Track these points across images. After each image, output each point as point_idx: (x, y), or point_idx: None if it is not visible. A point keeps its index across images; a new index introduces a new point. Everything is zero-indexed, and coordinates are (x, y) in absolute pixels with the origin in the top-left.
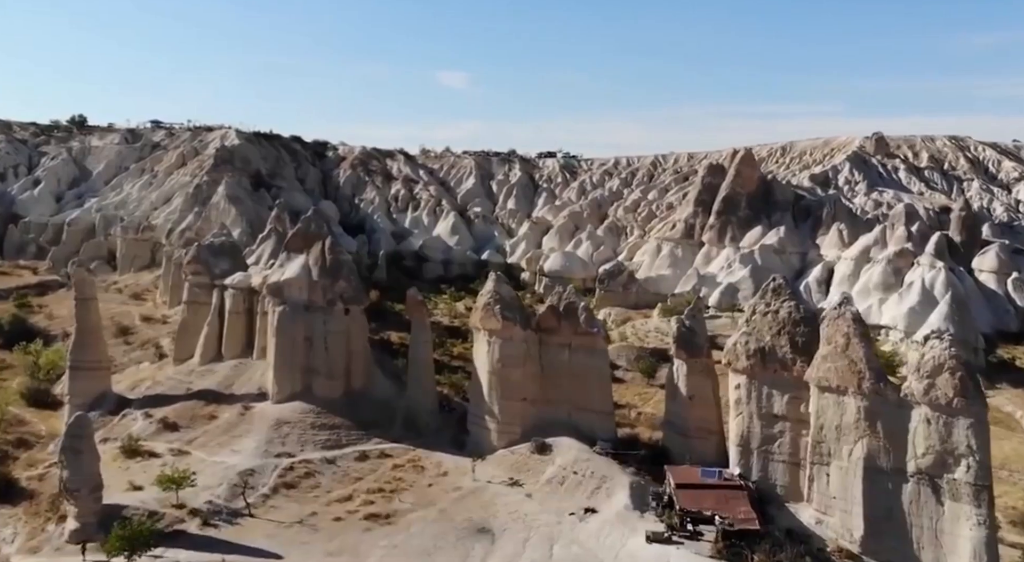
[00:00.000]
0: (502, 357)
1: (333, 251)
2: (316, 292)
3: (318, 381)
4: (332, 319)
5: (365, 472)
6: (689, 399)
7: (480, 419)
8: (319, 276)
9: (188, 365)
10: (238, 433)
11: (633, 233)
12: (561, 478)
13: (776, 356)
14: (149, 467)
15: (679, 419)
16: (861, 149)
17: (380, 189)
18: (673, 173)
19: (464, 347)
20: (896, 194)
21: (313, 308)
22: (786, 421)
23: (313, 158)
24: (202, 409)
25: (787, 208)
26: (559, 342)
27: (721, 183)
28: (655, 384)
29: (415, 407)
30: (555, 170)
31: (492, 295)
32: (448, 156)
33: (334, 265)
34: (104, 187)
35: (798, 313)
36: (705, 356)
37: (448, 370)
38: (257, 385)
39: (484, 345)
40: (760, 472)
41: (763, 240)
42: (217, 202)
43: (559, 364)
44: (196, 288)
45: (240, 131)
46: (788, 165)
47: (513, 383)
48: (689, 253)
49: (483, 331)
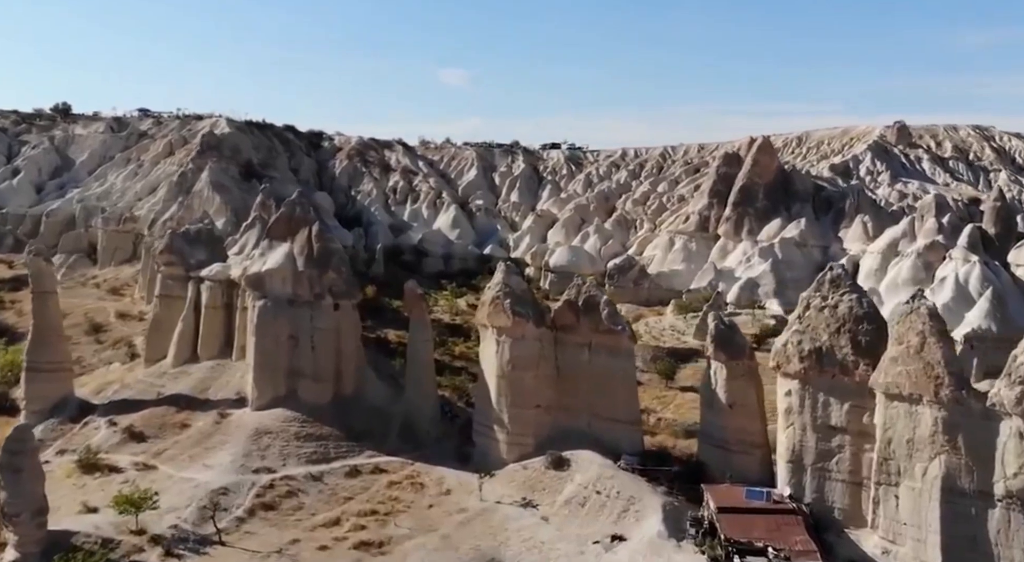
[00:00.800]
0: (513, 358)
1: (321, 239)
2: (301, 284)
3: (303, 385)
4: (320, 315)
5: (356, 490)
6: (729, 407)
7: (487, 429)
8: (305, 266)
9: (160, 366)
10: (212, 444)
11: (643, 226)
12: (582, 498)
13: (835, 358)
14: (108, 484)
15: (717, 430)
16: (882, 139)
17: (377, 181)
18: (683, 164)
19: (467, 346)
20: (921, 185)
21: (298, 302)
22: (846, 434)
23: (308, 148)
24: (173, 416)
25: (807, 199)
26: (578, 341)
27: (737, 173)
28: (674, 386)
29: (414, 414)
30: (560, 162)
31: (501, 288)
32: (448, 147)
33: (322, 254)
34: (87, 177)
35: (860, 308)
36: (747, 358)
37: (450, 371)
38: (236, 389)
39: (492, 345)
40: (815, 493)
41: (783, 233)
42: (200, 189)
43: (578, 366)
44: (169, 280)
45: (231, 120)
46: (805, 155)
47: (525, 388)
48: (704, 247)
49: (491, 329)
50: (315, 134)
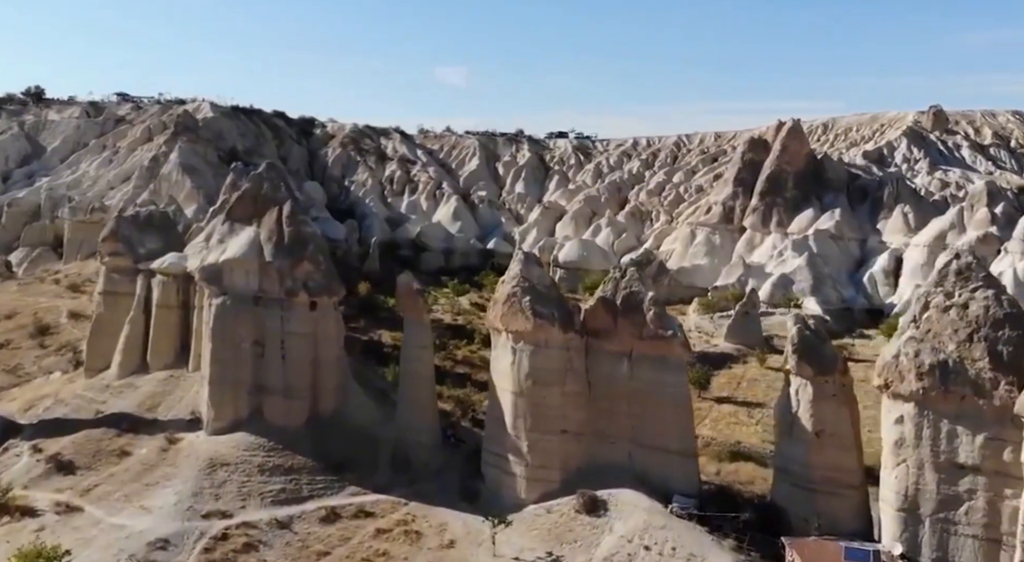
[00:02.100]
0: (533, 371)
1: (295, 221)
2: (270, 278)
3: (271, 404)
4: (292, 316)
5: (333, 542)
6: (816, 436)
7: (501, 459)
8: (275, 256)
9: (102, 378)
10: (154, 479)
11: (659, 219)
12: (626, 555)
13: (965, 375)
14: (17, 533)
15: (799, 465)
16: (916, 125)
17: (373, 170)
18: (700, 154)
19: (470, 350)
20: (964, 173)
21: (266, 300)
22: (979, 474)
23: (299, 136)
24: (111, 441)
25: (841, 188)
26: (616, 350)
27: (764, 160)
28: (708, 397)
29: (409, 439)
30: (567, 151)
31: (519, 282)
32: (449, 136)
33: (296, 240)
34: (59, 165)
35: (1000, 308)
36: (839, 372)
37: (451, 379)
38: (190, 407)
39: (507, 353)
40: (936, 552)
41: (816, 224)
42: (169, 172)
43: (616, 382)
44: (115, 274)
45: (216, 104)
46: (832, 143)
47: (549, 408)
48: (728, 240)
49: (506, 334)
50: (306, 121)
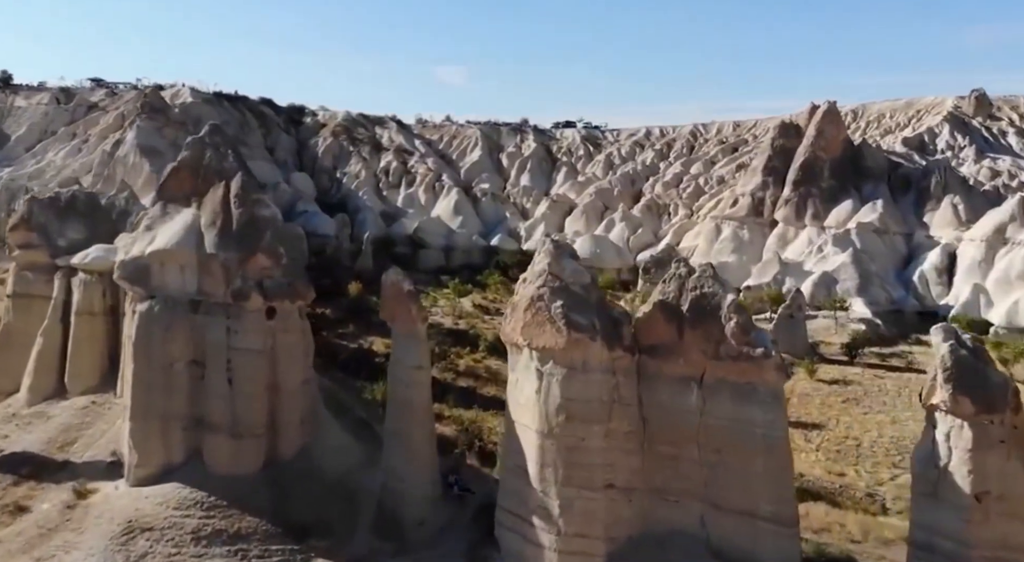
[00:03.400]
0: (568, 403)
1: (246, 201)
2: (212, 276)
3: (213, 444)
4: (243, 327)
5: None
6: (976, 500)
7: (521, 522)
8: (219, 247)
9: (8, 405)
10: (50, 551)
11: (677, 213)
12: None
13: None
14: None
15: (952, 542)
16: (957, 110)
17: (367, 161)
18: (718, 143)
19: (474, 359)
20: (1015, 161)
21: (207, 306)
22: None
23: (287, 124)
24: (5, 493)
25: (881, 177)
26: (681, 374)
27: (797, 147)
28: None
29: (398, 491)
30: (576, 142)
31: (547, 280)
32: (449, 126)
33: (248, 226)
34: (24, 154)
35: None
36: (1011, 409)
37: (453, 395)
38: (112, 446)
39: (531, 379)
40: None
41: (857, 217)
42: (125, 155)
43: (682, 418)
44: (28, 273)
45: (197, 89)
46: (864, 130)
47: (589, 454)
48: (758, 234)
49: (528, 351)
50: (296, 109)
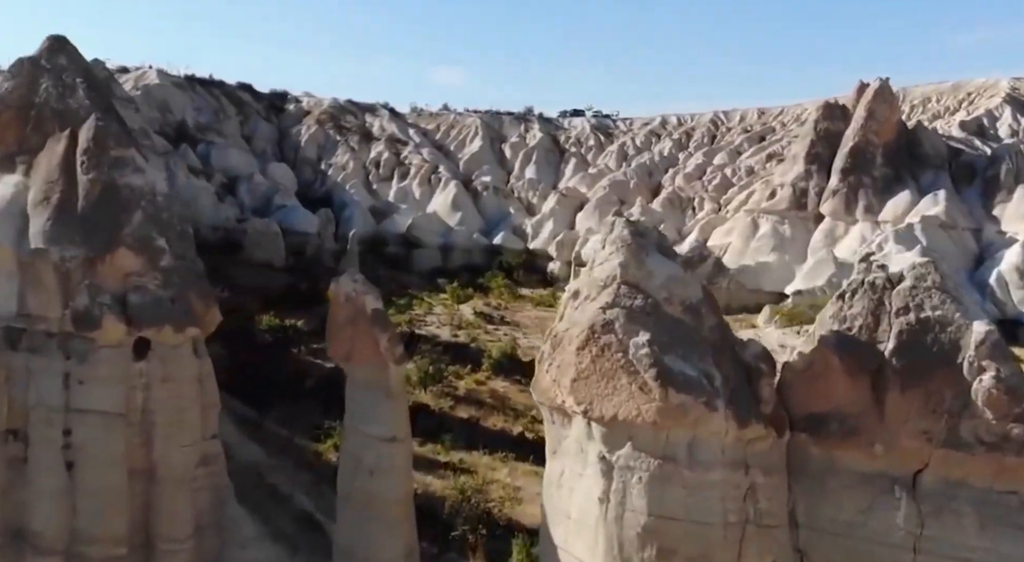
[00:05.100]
0: (661, 524)
1: (102, 161)
2: (39, 286)
3: None
4: (91, 373)
5: None
6: None
7: None
8: (51, 238)
9: None
10: None
11: (703, 207)
12: None
13: None
14: None
15: None
16: (1015, 92)
17: (355, 151)
18: (743, 132)
19: (476, 380)
20: None
21: (32, 338)
22: None
23: (267, 111)
24: None
25: (941, 165)
26: (878, 470)
27: (844, 131)
28: None
29: None
30: (585, 131)
31: (620, 295)
32: (446, 114)
33: (102, 202)
34: None
35: None
36: None
37: (452, 429)
38: None
39: (591, 473)
40: None
41: (919, 210)
42: None
43: (875, 553)
44: None
45: (165, 72)
46: (908, 116)
47: None
48: (802, 230)
49: (586, 423)
50: (278, 95)
